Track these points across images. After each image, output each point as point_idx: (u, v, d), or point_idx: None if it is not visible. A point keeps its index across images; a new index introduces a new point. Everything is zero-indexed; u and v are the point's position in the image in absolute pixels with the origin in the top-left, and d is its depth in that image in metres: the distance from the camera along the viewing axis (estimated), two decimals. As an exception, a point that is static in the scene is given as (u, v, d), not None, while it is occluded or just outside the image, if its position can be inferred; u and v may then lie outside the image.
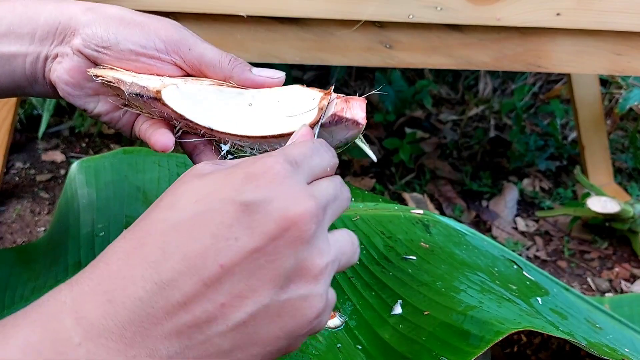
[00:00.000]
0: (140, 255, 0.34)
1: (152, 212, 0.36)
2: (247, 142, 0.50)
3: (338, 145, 0.50)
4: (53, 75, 0.51)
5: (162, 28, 0.50)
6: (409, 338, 0.51)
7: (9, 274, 0.72)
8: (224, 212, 0.35)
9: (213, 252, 0.34)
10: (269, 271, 0.35)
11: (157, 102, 0.50)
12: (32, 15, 0.50)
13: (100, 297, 0.33)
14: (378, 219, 0.72)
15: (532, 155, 1.65)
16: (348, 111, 0.48)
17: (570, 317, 0.65)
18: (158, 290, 0.33)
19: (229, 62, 0.50)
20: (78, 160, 0.85)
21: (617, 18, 0.89)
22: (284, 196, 0.35)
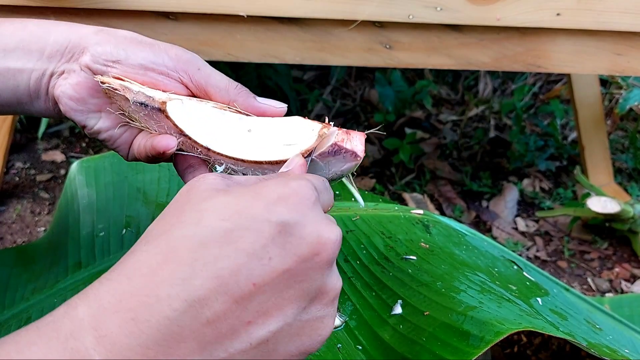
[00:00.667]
0: (166, 272, 0.33)
1: (175, 228, 0.35)
2: (242, 166, 0.50)
3: (332, 177, 0.50)
4: (57, 90, 0.52)
5: (171, 48, 0.51)
6: (409, 338, 0.51)
7: (9, 274, 0.72)
8: (258, 231, 0.35)
9: (246, 270, 0.34)
10: (296, 291, 0.36)
11: (160, 114, 0.50)
12: (43, 33, 0.51)
13: (123, 315, 0.32)
14: (378, 219, 0.72)
15: (532, 155, 1.65)
16: (348, 142, 0.49)
17: (570, 318, 0.65)
18: (187, 309, 0.33)
19: (235, 87, 0.52)
20: (78, 160, 0.85)
21: (617, 18, 0.89)
22: (316, 221, 0.37)
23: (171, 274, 0.33)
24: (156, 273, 0.33)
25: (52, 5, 0.83)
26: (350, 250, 0.65)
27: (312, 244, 0.36)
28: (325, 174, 0.49)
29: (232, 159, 0.50)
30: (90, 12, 0.84)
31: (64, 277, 0.68)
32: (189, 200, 0.37)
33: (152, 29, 0.87)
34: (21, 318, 0.62)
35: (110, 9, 0.83)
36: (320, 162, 0.49)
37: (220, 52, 0.90)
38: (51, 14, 0.85)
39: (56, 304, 0.63)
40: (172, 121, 0.50)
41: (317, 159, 0.49)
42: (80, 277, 0.67)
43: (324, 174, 0.49)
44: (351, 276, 0.61)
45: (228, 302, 0.33)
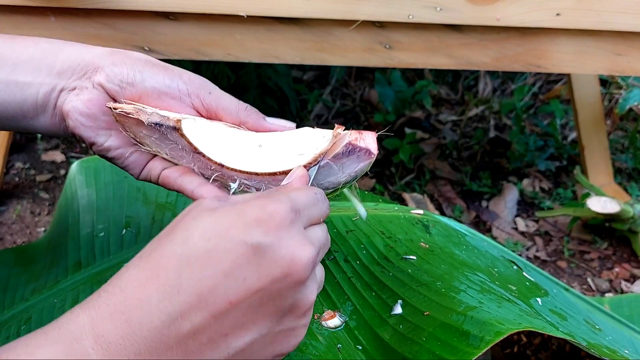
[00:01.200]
0: (154, 287, 0.37)
1: (165, 245, 0.39)
2: (256, 179, 0.51)
3: (347, 180, 0.51)
4: (68, 105, 0.52)
5: (184, 73, 0.53)
6: (409, 338, 0.51)
7: (9, 274, 0.72)
8: (235, 252, 0.38)
9: (223, 288, 0.37)
10: (270, 307, 0.39)
11: (174, 133, 0.51)
12: (54, 50, 0.52)
13: (118, 318, 0.37)
14: (378, 219, 0.72)
15: (532, 155, 1.65)
16: (362, 141, 0.50)
17: (570, 318, 0.65)
18: (171, 321, 0.37)
19: (245, 109, 0.53)
20: (78, 160, 0.85)
21: (617, 18, 0.89)
22: (289, 243, 0.39)
23: (158, 289, 0.37)
24: (145, 287, 0.37)
25: (52, 5, 0.83)
26: (350, 250, 0.65)
27: (284, 266, 0.39)
28: (340, 177, 0.51)
29: (245, 173, 0.51)
30: (90, 12, 0.84)
31: (64, 277, 0.68)
32: (182, 219, 0.40)
33: (152, 29, 0.87)
34: (21, 318, 0.62)
35: (110, 9, 0.83)
36: (335, 165, 0.50)
37: (220, 52, 0.90)
38: (51, 14, 0.85)
39: (56, 304, 0.63)
40: (187, 139, 0.51)
41: (331, 162, 0.50)
42: (80, 277, 0.67)
43: (339, 177, 0.51)
44: (351, 276, 0.61)
45: (207, 317, 0.37)
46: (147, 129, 0.52)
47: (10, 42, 0.52)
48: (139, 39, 0.87)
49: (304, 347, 0.49)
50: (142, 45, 0.88)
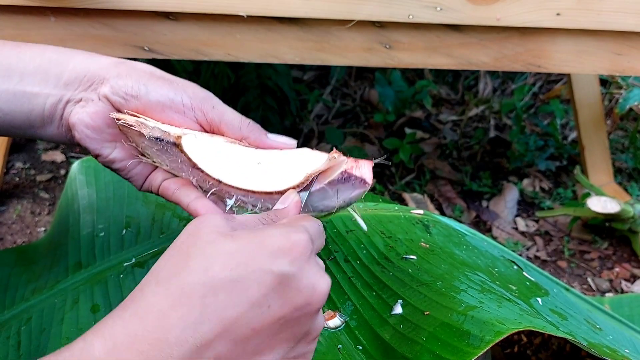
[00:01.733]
0: (177, 316, 0.36)
1: (186, 273, 0.38)
2: (252, 197, 0.52)
3: (341, 205, 0.52)
4: (74, 117, 0.52)
5: (189, 86, 0.53)
6: (409, 338, 0.51)
7: (9, 274, 0.72)
8: (261, 281, 0.38)
9: (248, 317, 0.38)
10: (287, 334, 0.40)
11: (174, 148, 0.51)
12: (61, 60, 0.52)
13: (137, 350, 0.35)
14: (378, 218, 0.72)
15: (532, 155, 1.65)
16: (357, 170, 0.51)
17: (570, 318, 0.65)
18: (194, 351, 0.36)
19: (247, 125, 0.53)
20: (78, 160, 0.85)
21: (617, 18, 0.89)
22: (310, 273, 0.41)
23: (181, 319, 0.36)
24: (168, 316, 0.36)
25: (52, 5, 0.83)
26: (350, 250, 0.65)
27: (307, 295, 0.40)
28: (334, 201, 0.51)
29: (242, 190, 0.51)
30: (90, 12, 0.84)
31: (64, 277, 0.68)
32: (195, 243, 0.39)
33: (152, 29, 0.87)
34: (21, 318, 0.62)
35: (110, 9, 0.83)
36: (330, 190, 0.51)
37: (220, 52, 0.90)
38: (51, 14, 0.85)
39: (56, 304, 0.63)
40: (186, 155, 0.51)
41: (326, 187, 0.51)
42: (81, 277, 0.67)
43: (333, 201, 0.51)
44: (351, 276, 0.61)
45: (229, 344, 0.37)
46: (149, 140, 0.52)
47: (17, 50, 0.52)
48: (139, 39, 0.87)
49: (304, 347, 0.49)
50: (142, 45, 0.88)
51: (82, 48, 0.86)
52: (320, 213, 0.52)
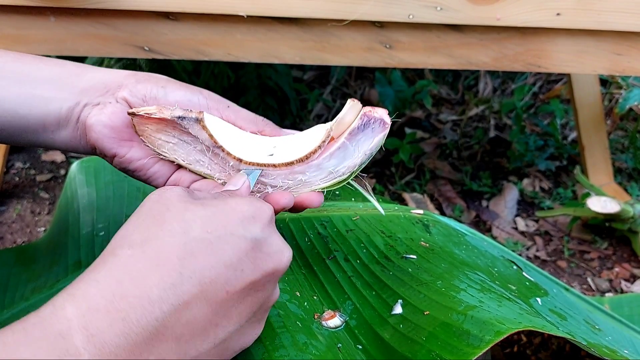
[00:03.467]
0: (157, 277, 0.37)
1: (164, 234, 0.39)
2: (273, 175, 0.53)
3: (362, 160, 0.53)
4: (92, 119, 0.53)
5: (203, 89, 0.55)
6: (409, 338, 0.51)
7: (9, 274, 0.72)
8: (235, 245, 0.40)
9: (224, 279, 0.39)
10: (253, 299, 0.42)
11: (196, 126, 0.52)
12: (78, 72, 0.54)
13: (114, 316, 0.35)
14: (378, 218, 0.72)
15: (532, 155, 1.65)
16: (376, 112, 0.53)
17: (570, 318, 0.65)
18: (173, 311, 0.37)
19: (262, 120, 0.56)
20: (78, 160, 0.85)
21: (617, 18, 0.89)
22: (278, 240, 0.43)
23: (161, 279, 0.37)
24: (148, 277, 0.37)
25: (52, 5, 0.83)
26: (350, 249, 0.65)
27: (275, 261, 0.42)
28: (355, 156, 0.53)
29: (263, 165, 0.53)
30: (90, 12, 0.85)
31: (64, 277, 0.68)
32: (168, 209, 0.41)
33: (152, 29, 0.87)
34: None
35: (110, 9, 0.83)
36: (350, 145, 0.52)
37: (220, 52, 0.90)
38: (51, 14, 0.85)
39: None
40: (208, 131, 0.52)
41: (347, 140, 0.52)
42: (81, 276, 0.67)
43: (354, 156, 0.53)
44: (351, 275, 0.61)
45: (205, 306, 0.38)
46: (165, 134, 0.53)
47: (37, 62, 0.54)
48: (139, 39, 0.87)
49: (304, 346, 0.49)
50: (142, 45, 0.88)
51: (82, 48, 0.87)
52: (341, 177, 0.53)
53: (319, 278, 0.61)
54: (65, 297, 0.36)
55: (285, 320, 0.52)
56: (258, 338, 0.50)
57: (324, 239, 0.67)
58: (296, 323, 0.52)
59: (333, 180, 0.53)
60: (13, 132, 0.54)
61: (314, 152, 0.52)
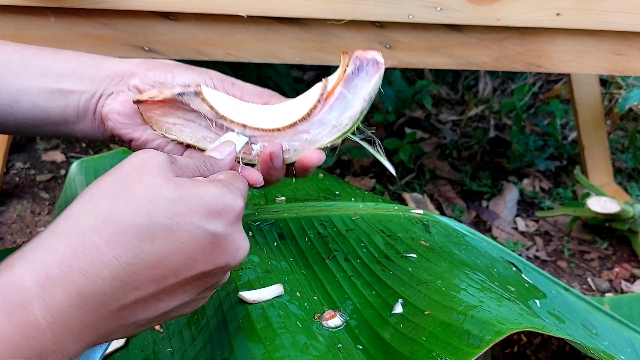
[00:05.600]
0: (112, 254, 0.39)
1: (128, 212, 0.40)
2: (277, 139, 0.53)
3: (362, 108, 0.53)
4: (106, 108, 0.56)
5: (210, 70, 0.57)
6: (409, 338, 0.51)
7: (9, 274, 0.72)
8: (194, 236, 0.41)
9: (174, 264, 0.41)
10: (202, 283, 0.44)
11: (196, 99, 0.54)
12: (94, 64, 0.57)
13: (69, 288, 0.37)
14: (378, 218, 0.72)
15: (532, 155, 1.65)
16: (368, 54, 0.52)
17: (568, 321, 0.65)
18: (122, 288, 0.39)
19: (268, 92, 0.58)
20: (78, 160, 0.85)
21: (617, 18, 0.89)
22: (237, 236, 0.44)
23: (117, 257, 0.39)
24: (104, 253, 0.38)
25: (52, 5, 0.83)
26: (350, 249, 0.65)
27: (229, 257, 0.44)
28: (356, 105, 0.53)
29: (267, 130, 0.53)
30: (90, 12, 0.84)
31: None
32: (140, 180, 0.42)
33: (152, 29, 0.87)
34: (21, 318, 0.62)
35: (110, 9, 0.83)
36: (348, 94, 0.52)
37: (220, 52, 0.90)
38: (51, 14, 0.85)
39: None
40: (208, 103, 0.54)
41: (343, 89, 0.52)
42: (81, 276, 0.67)
43: (355, 105, 0.53)
44: (351, 275, 0.61)
45: (152, 285, 0.40)
46: (171, 116, 0.55)
47: (54, 55, 0.56)
48: (139, 39, 0.87)
49: (304, 347, 0.49)
50: (142, 45, 0.88)
51: (82, 48, 0.87)
52: (346, 128, 0.53)
53: (319, 278, 0.61)
54: (24, 264, 0.37)
55: (285, 320, 0.52)
56: (258, 339, 0.50)
57: (324, 239, 0.67)
58: (296, 324, 0.52)
59: (338, 133, 0.54)
60: (34, 125, 0.56)
61: (314, 107, 0.53)
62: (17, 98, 0.55)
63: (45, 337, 0.36)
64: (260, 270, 0.59)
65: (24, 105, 0.55)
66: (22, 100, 0.55)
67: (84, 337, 0.38)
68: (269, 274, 0.59)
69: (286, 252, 0.65)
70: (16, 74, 0.55)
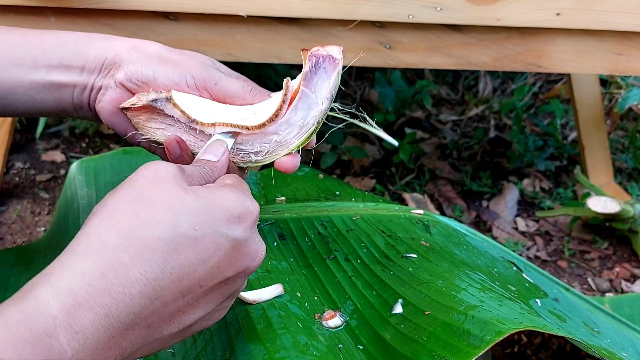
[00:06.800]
0: (140, 271, 0.38)
1: (152, 226, 0.39)
2: (250, 141, 0.53)
3: (325, 108, 0.53)
4: (98, 105, 0.56)
5: (193, 66, 0.56)
6: (409, 338, 0.51)
7: (9, 274, 0.72)
8: (217, 243, 0.41)
9: (200, 274, 0.41)
10: (223, 291, 0.44)
11: (169, 105, 0.54)
12: (82, 52, 0.55)
13: (97, 311, 0.36)
14: (378, 218, 0.72)
15: (532, 155, 1.65)
16: (323, 50, 0.53)
17: (569, 320, 0.65)
18: (150, 304, 0.38)
19: (250, 91, 0.56)
20: (78, 160, 0.85)
21: (617, 18, 0.89)
22: (255, 240, 0.45)
23: (144, 275, 0.38)
24: (131, 271, 0.37)
25: (52, 5, 0.83)
26: (350, 249, 0.65)
27: (249, 261, 0.44)
28: (319, 102, 0.53)
29: (237, 126, 0.53)
30: (90, 12, 0.84)
31: (64, 277, 0.68)
32: (159, 192, 0.41)
33: (152, 29, 0.87)
34: (21, 318, 0.62)
35: (110, 9, 0.83)
36: (310, 93, 0.52)
37: (220, 52, 0.90)
38: (51, 14, 0.85)
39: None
40: (180, 108, 0.53)
41: (305, 88, 0.52)
42: (81, 277, 0.67)
43: (318, 107, 0.53)
44: (352, 275, 0.61)
45: (177, 297, 0.40)
46: (154, 122, 0.55)
47: (39, 41, 0.55)
48: (139, 38, 0.87)
49: (305, 348, 0.49)
50: (142, 45, 0.88)
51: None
52: (313, 128, 0.53)
53: (319, 278, 0.61)
54: (48, 289, 0.35)
55: (286, 321, 0.52)
56: (258, 339, 0.50)
57: (325, 239, 0.67)
58: (297, 324, 0.52)
59: (306, 134, 0.53)
60: (34, 114, 0.57)
61: (280, 108, 0.52)
62: (12, 91, 0.54)
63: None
64: (260, 271, 0.59)
65: (21, 97, 0.55)
66: (18, 93, 0.54)
67: (109, 358, 0.37)
68: (269, 274, 0.59)
69: (286, 252, 0.65)
70: (5, 67, 0.54)
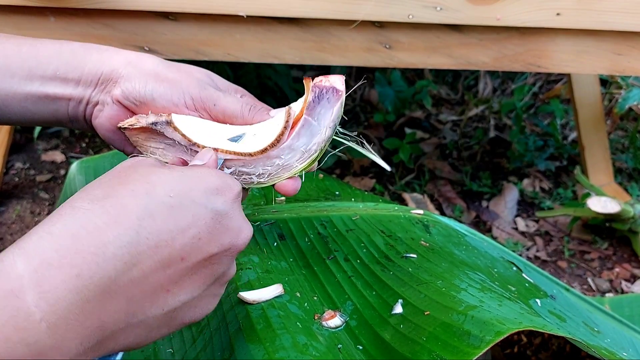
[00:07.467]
0: (113, 234, 0.36)
1: (126, 194, 0.39)
2: (252, 164, 0.53)
3: (328, 136, 0.53)
4: (95, 121, 0.56)
5: (191, 85, 0.55)
6: (409, 338, 0.51)
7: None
8: (196, 214, 0.40)
9: (178, 244, 0.39)
10: (209, 271, 0.42)
11: (169, 128, 0.53)
12: (78, 64, 0.54)
13: (68, 271, 0.34)
14: (378, 218, 0.72)
15: (532, 155, 1.65)
16: (327, 81, 0.53)
17: (569, 320, 0.64)
18: (126, 270, 0.36)
19: (249, 110, 0.55)
20: (78, 160, 0.85)
21: (617, 18, 0.89)
22: (239, 216, 0.44)
23: (118, 237, 0.36)
24: (104, 233, 0.36)
25: (52, 5, 0.83)
26: (350, 249, 0.65)
27: (232, 236, 0.43)
28: (322, 131, 0.53)
29: (240, 154, 0.53)
30: (90, 12, 0.84)
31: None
32: (135, 171, 0.41)
33: (152, 29, 0.87)
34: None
35: (110, 9, 0.83)
36: (313, 121, 0.53)
37: (220, 52, 0.90)
38: (51, 14, 0.85)
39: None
40: (180, 131, 0.53)
41: (308, 117, 0.52)
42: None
43: (321, 131, 0.53)
44: (351, 275, 0.61)
45: (157, 266, 0.38)
46: (153, 141, 0.55)
47: (35, 52, 0.54)
48: (139, 39, 0.87)
49: (304, 348, 0.49)
50: (142, 45, 0.88)
51: (82, 48, 0.86)
52: (315, 155, 0.53)
53: (319, 278, 0.61)
54: (16, 251, 0.34)
55: (285, 321, 0.52)
56: (258, 340, 0.49)
57: (324, 239, 0.67)
58: (296, 324, 0.52)
59: (308, 160, 0.54)
60: (28, 123, 0.57)
61: (282, 134, 0.53)
62: (6, 102, 0.53)
63: (40, 329, 0.32)
64: (260, 271, 0.59)
65: (14, 108, 0.54)
66: (12, 104, 0.54)
67: (87, 332, 0.34)
68: (269, 274, 0.59)
69: (286, 253, 0.65)
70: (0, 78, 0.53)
